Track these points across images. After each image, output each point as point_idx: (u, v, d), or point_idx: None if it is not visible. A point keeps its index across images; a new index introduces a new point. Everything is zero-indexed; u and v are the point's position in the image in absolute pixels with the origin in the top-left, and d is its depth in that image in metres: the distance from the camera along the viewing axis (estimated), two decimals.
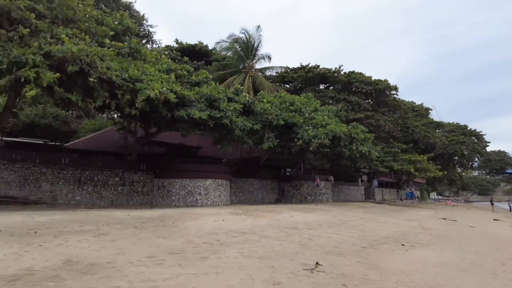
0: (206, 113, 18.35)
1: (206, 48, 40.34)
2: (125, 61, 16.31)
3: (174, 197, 22.78)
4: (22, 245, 6.28)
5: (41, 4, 14.94)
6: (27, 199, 18.68)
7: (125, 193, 22.47)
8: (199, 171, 23.31)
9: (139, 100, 14.75)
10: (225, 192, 24.63)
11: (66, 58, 13.05)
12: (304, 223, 13.21)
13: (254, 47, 34.27)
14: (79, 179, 20.83)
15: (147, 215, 11.69)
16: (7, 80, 12.42)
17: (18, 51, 12.63)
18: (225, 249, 7.42)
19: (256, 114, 24.20)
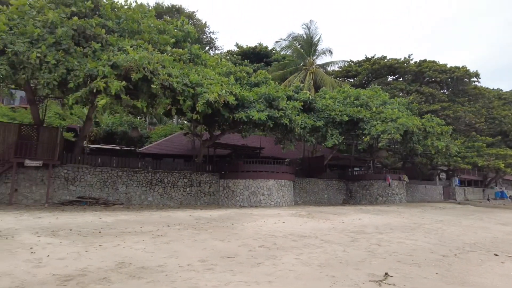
0: (265, 114, 18.07)
1: (266, 49, 40.35)
2: (186, 67, 16.80)
3: (239, 197, 22.95)
4: (85, 245, 6.57)
5: (111, 20, 16.10)
6: (106, 200, 20.37)
7: (193, 194, 23.27)
8: (262, 171, 23.17)
9: (199, 104, 15.02)
10: (289, 192, 24.11)
11: (131, 67, 13.81)
12: (373, 226, 12.10)
13: (314, 42, 33.24)
14: (150, 181, 22.10)
15: (208, 215, 11.75)
16: (83, 92, 13.55)
17: (91, 65, 13.70)
18: (282, 254, 6.93)
19: (318, 111, 23.28)
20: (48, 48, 13.93)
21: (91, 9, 15.89)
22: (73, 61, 14.00)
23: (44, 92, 13.49)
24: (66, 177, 19.76)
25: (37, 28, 14.09)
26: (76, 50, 14.32)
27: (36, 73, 13.62)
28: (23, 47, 13.36)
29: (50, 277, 4.59)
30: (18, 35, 13.83)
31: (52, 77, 13.58)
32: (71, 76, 13.87)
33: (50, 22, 14.41)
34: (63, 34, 14.11)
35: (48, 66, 13.63)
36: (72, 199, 19.51)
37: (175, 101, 15.50)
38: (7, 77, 13.42)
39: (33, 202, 18.64)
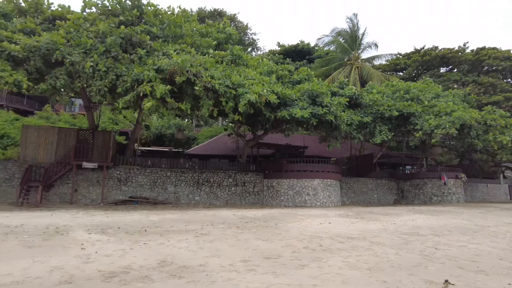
0: (308, 111, 17.60)
1: (308, 46, 39.60)
2: (228, 68, 16.90)
3: (283, 197, 22.67)
4: (130, 243, 6.74)
5: (155, 26, 16.68)
6: (156, 199, 21.18)
7: (238, 193, 23.42)
8: (306, 171, 22.67)
9: (241, 105, 15.01)
10: (335, 192, 23.32)
11: (175, 70, 14.16)
12: (428, 228, 11.17)
13: (359, 36, 31.93)
14: (197, 181, 22.60)
15: (252, 215, 11.62)
16: (131, 96, 14.16)
17: (137, 70, 14.27)
18: (328, 257, 6.55)
19: (365, 107, 22.27)
20: (99, 56, 14.77)
21: (137, 17, 16.58)
22: (121, 67, 14.70)
23: (96, 99, 14.31)
24: (119, 178, 20.86)
25: (90, 39, 15.01)
26: (124, 57, 15.02)
27: (90, 81, 14.49)
28: (78, 57, 14.29)
29: (96, 273, 4.70)
30: (74, 46, 14.81)
31: (103, 84, 14.36)
32: (120, 81, 14.57)
33: (101, 32, 15.27)
34: (112, 43, 14.87)
35: (99, 73, 14.44)
36: (124, 199, 20.56)
37: (218, 102, 15.64)
38: (66, 86, 14.41)
39: (90, 201, 19.93)
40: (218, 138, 32.64)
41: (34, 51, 14.25)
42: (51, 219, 9.53)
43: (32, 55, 14.27)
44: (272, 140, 30.02)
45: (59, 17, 16.54)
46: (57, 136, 20.32)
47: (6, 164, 18.84)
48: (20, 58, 13.95)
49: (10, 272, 4.66)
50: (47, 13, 16.50)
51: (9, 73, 13.33)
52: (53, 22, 16.28)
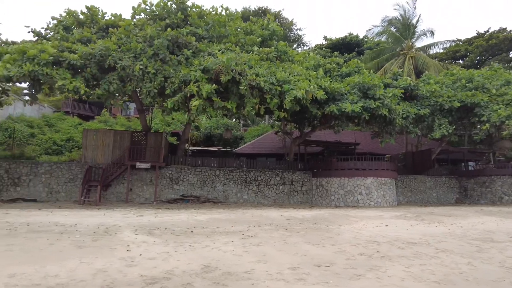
0: (359, 105, 16.53)
1: (357, 38, 37.74)
2: (272, 65, 16.45)
3: (333, 196, 21.72)
4: (175, 245, 6.57)
5: (200, 28, 16.75)
6: (206, 198, 21.42)
7: (286, 192, 22.90)
8: (358, 168, 21.47)
9: (286, 102, 14.48)
10: (390, 191, 21.82)
11: (220, 69, 14.04)
12: (504, 233, 9.75)
13: (412, 24, 29.64)
14: (245, 179, 22.48)
15: (301, 216, 11.04)
16: (179, 97, 14.31)
17: (184, 71, 14.39)
18: (387, 265, 5.82)
19: (422, 98, 20.50)
20: (148, 59, 15.15)
21: (182, 19, 16.77)
22: (169, 69, 14.93)
23: (147, 101, 14.68)
24: (171, 177, 21.42)
25: (139, 43, 15.45)
26: (171, 59, 15.24)
27: (140, 84, 14.91)
28: (128, 61, 14.77)
29: (137, 278, 4.52)
30: (125, 51, 15.34)
31: (152, 86, 14.69)
32: (168, 83, 14.81)
33: (148, 36, 15.66)
34: (159, 45, 15.16)
35: (148, 76, 14.81)
36: (176, 197, 21.07)
37: (263, 100, 15.28)
38: (118, 90, 14.98)
39: (144, 200, 20.70)
40: (264, 137, 32.38)
41: (90, 59, 15.00)
42: (103, 219, 9.82)
43: (88, 62, 15.04)
44: (320, 137, 29.03)
45: (112, 25, 17.30)
46: (113, 138, 21.42)
47: (70, 165, 20.22)
48: (78, 66, 14.75)
49: (58, 274, 4.66)
50: (101, 22, 17.35)
51: (69, 81, 14.15)
52: (107, 30, 17.07)
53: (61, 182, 19.78)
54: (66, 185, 19.85)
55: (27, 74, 13.57)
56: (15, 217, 9.93)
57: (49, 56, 14.02)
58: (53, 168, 19.85)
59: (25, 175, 19.35)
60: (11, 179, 19.13)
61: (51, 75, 13.75)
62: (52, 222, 8.83)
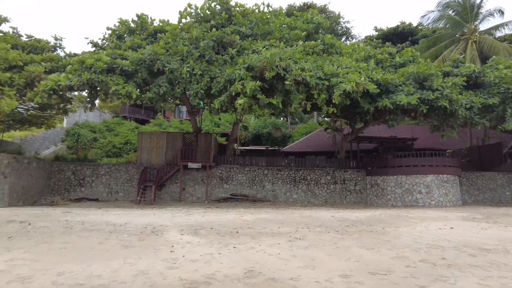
0: (416, 97, 15.13)
1: (410, 26, 35.09)
2: (319, 59, 15.73)
3: (390, 196, 20.31)
4: (220, 246, 6.33)
5: (244, 26, 16.59)
6: (255, 197, 21.27)
7: (338, 192, 21.93)
8: (416, 165, 19.83)
9: (335, 96, 13.70)
10: (453, 190, 19.85)
11: (265, 66, 13.70)
12: None
13: (475, 4, 26.73)
14: (294, 178, 21.94)
15: (354, 217, 10.26)
16: (225, 96, 14.26)
17: (229, 70, 14.30)
18: (457, 276, 5.00)
19: (489, 86, 18.29)
20: (195, 61, 15.32)
21: (226, 19, 16.72)
22: (214, 70, 14.95)
23: (195, 102, 14.87)
24: (221, 177, 21.61)
25: (185, 46, 15.70)
26: (217, 59, 15.25)
27: (188, 86, 15.13)
28: (176, 64, 15.07)
29: (177, 281, 4.32)
30: (172, 55, 15.69)
31: (199, 87, 14.82)
32: (214, 83, 14.83)
33: (194, 38, 15.85)
34: (205, 46, 15.26)
35: (196, 77, 14.96)
36: (226, 196, 21.21)
37: (310, 95, 14.65)
38: (168, 93, 15.36)
39: (196, 199, 21.13)
40: (313, 134, 31.45)
41: (140, 64, 15.57)
42: (152, 218, 9.98)
43: (139, 67, 15.61)
44: (373, 132, 27.44)
45: (160, 30, 17.84)
46: (166, 140, 22.19)
47: (127, 167, 21.31)
48: (129, 71, 15.38)
49: (101, 274, 4.64)
50: (150, 28, 17.98)
51: (122, 86, 14.80)
52: (155, 36, 17.63)
53: (119, 183, 20.92)
54: (124, 185, 20.95)
55: (85, 82, 14.44)
56: (74, 216, 10.53)
57: (104, 64, 14.78)
58: (112, 169, 21.07)
59: (89, 176, 20.78)
60: (77, 180, 20.65)
61: (106, 82, 14.47)
62: (104, 221, 9.15)
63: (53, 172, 20.49)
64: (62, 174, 20.59)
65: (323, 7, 39.92)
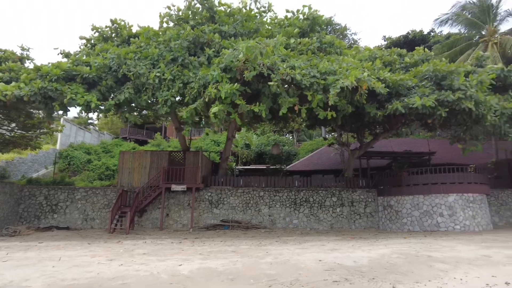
0: (432, 98, 12.13)
1: (421, 33, 32.26)
2: (314, 57, 13.06)
3: (406, 219, 16.96)
4: None
5: (226, 25, 14.20)
6: (249, 223, 18.16)
7: (345, 215, 18.67)
8: (436, 183, 16.55)
9: (331, 95, 10.86)
10: (482, 211, 16.42)
11: (246, 66, 11.11)
12: None
13: (493, 4, 23.89)
14: (294, 201, 18.86)
15: (352, 261, 6.80)
16: (198, 104, 11.63)
17: (202, 72, 11.75)
18: None
19: None
20: (166, 66, 12.90)
21: (207, 18, 14.40)
22: (188, 74, 12.44)
23: (163, 111, 12.29)
24: (210, 200, 18.74)
25: (157, 49, 13.35)
26: (191, 61, 12.76)
27: (157, 93, 12.63)
28: (143, 69, 12.66)
29: None
30: (142, 59, 13.34)
31: (170, 94, 12.28)
32: (187, 89, 12.29)
33: (168, 39, 13.51)
34: (179, 47, 12.84)
35: (166, 83, 12.48)
36: (215, 223, 18.22)
37: (304, 99, 11.89)
38: (133, 100, 12.91)
39: (181, 226, 18.22)
40: (320, 151, 28.37)
41: (106, 71, 13.26)
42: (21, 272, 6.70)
43: (104, 75, 13.30)
44: (385, 147, 24.27)
45: (135, 35, 15.65)
46: (149, 159, 19.62)
47: (105, 190, 18.73)
48: (92, 79, 13.06)
49: None
50: (124, 34, 15.81)
51: (81, 95, 12.44)
52: (129, 42, 15.42)
53: (96, 209, 18.30)
54: (101, 211, 18.31)
55: (37, 91, 12.13)
56: None
57: (61, 71, 12.51)
58: (89, 193, 18.53)
59: (63, 201, 18.28)
60: (50, 205, 18.17)
61: (61, 91, 12.13)
62: None
63: (23, 197, 18.09)
64: (33, 199, 18.16)
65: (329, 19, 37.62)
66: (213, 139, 34.22)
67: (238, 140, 31.74)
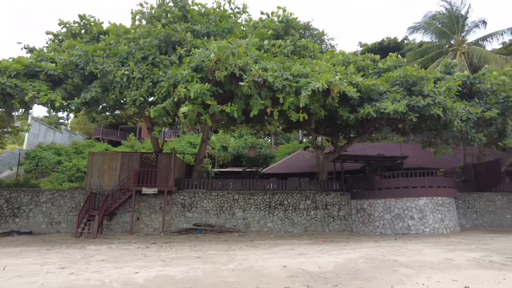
0: (403, 103, 12.31)
1: (395, 41, 33.13)
2: (288, 60, 12.97)
3: (378, 222, 17.14)
4: None
5: (199, 24, 13.89)
6: (222, 227, 17.81)
7: (319, 218, 18.66)
8: (407, 187, 16.85)
9: (302, 97, 10.76)
10: (450, 214, 16.84)
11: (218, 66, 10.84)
12: None
13: (461, 15, 24.77)
14: (269, 204, 18.67)
15: (317, 267, 6.60)
16: (167, 103, 11.25)
17: (172, 70, 11.38)
18: None
19: (486, 95, 15.66)
20: (136, 64, 12.43)
21: (180, 17, 14.04)
22: (158, 72, 12.02)
23: (131, 111, 11.82)
24: (183, 204, 18.25)
25: (125, 46, 12.86)
26: (162, 60, 12.36)
27: (125, 92, 12.13)
28: (111, 66, 12.14)
29: None
30: (111, 56, 12.80)
31: (138, 93, 11.83)
32: (157, 88, 11.87)
33: (138, 37, 13.05)
34: (149, 45, 12.42)
35: (135, 82, 12.01)
36: (188, 227, 17.76)
37: (276, 101, 11.75)
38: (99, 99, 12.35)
39: (152, 230, 17.63)
40: (296, 154, 28.41)
41: (73, 68, 12.64)
42: None
43: (70, 72, 12.67)
44: (359, 151, 24.55)
45: (105, 33, 15.05)
46: (120, 161, 18.91)
47: (73, 193, 17.88)
48: (58, 76, 12.40)
49: None
50: (94, 30, 15.17)
51: (45, 93, 11.78)
52: (99, 39, 14.81)
53: (63, 212, 17.41)
54: (68, 214, 17.44)
55: None
56: None
57: (21, 66, 11.80)
58: (55, 196, 17.61)
59: (26, 204, 17.27)
60: (11, 209, 17.11)
61: (22, 87, 11.42)
62: None
63: None
64: None
65: (307, 24, 38.05)
66: (189, 141, 33.59)
67: (215, 142, 31.35)
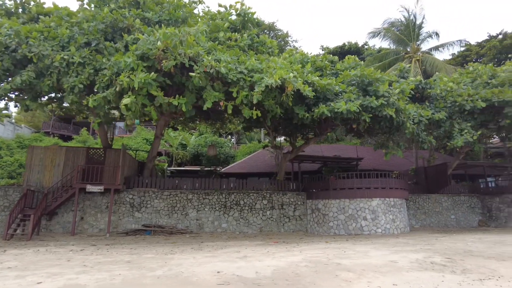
0: (357, 103, 12.23)
1: (356, 46, 33.91)
2: (243, 54, 12.42)
3: (332, 223, 17.09)
4: None
5: (152, 11, 12.95)
6: (173, 228, 16.86)
7: (275, 218, 18.31)
8: (361, 188, 16.96)
9: (255, 93, 10.26)
10: (401, 215, 17.18)
11: (166, 56, 10.02)
12: None
13: (417, 25, 25.74)
14: (224, 204, 18.01)
15: (254, 272, 6.14)
16: (108, 93, 10.22)
17: (115, 58, 10.39)
18: None
19: (436, 100, 16.14)
20: (78, 50, 11.26)
21: (131, 3, 13.01)
22: (101, 59, 10.95)
23: (69, 100, 10.65)
24: (132, 203, 17.08)
25: (67, 29, 11.63)
26: (107, 46, 11.30)
27: (63, 79, 10.93)
28: (48, 50, 10.88)
29: None
30: (49, 40, 11.51)
31: (78, 80, 10.68)
32: (99, 76, 10.80)
33: (82, 20, 11.87)
34: (93, 29, 11.30)
35: (75, 68, 10.85)
36: (137, 228, 16.63)
37: (230, 95, 11.15)
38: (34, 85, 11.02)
39: (98, 231, 16.30)
40: (257, 154, 28.01)
41: (2, 50, 11.18)
42: None
43: (1, 55, 11.20)
44: (317, 152, 24.63)
45: (46, 14, 13.60)
46: (64, 156, 17.34)
47: (7, 190, 16.09)
48: None
49: None
50: (33, 10, 13.66)
51: None
52: (38, 20, 13.35)
53: None
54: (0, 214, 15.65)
55: None
56: None
57: None
58: None
59: None
60: None
61: None
62: None
63: None
64: None
65: (271, 24, 37.88)
66: (146, 138, 32.01)
67: (174, 139, 30.15)
